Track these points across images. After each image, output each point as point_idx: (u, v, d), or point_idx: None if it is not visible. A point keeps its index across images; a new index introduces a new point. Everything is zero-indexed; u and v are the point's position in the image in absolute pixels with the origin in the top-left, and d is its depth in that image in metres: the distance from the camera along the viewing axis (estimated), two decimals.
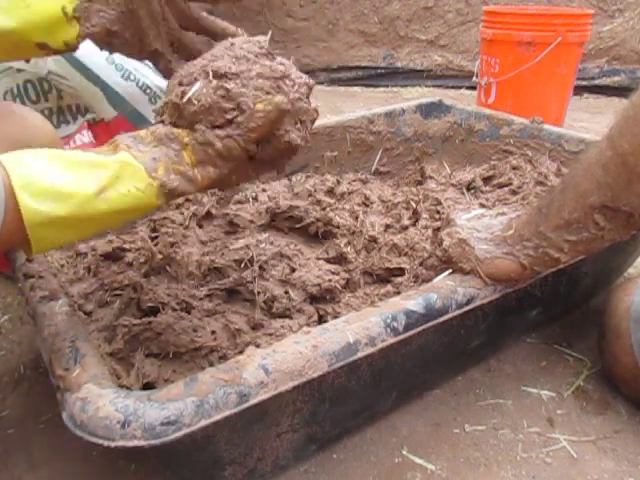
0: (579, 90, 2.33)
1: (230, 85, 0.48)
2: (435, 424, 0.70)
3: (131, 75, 1.07)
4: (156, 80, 1.12)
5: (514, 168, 1.01)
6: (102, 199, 0.43)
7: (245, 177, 0.53)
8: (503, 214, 0.66)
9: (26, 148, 0.43)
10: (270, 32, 0.55)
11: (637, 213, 0.54)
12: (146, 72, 1.11)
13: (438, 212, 0.93)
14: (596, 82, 2.41)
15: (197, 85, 0.48)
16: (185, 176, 0.47)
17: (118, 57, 1.03)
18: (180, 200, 0.96)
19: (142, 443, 0.40)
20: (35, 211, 0.40)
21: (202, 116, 0.48)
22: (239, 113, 0.48)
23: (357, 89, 2.74)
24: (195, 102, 0.47)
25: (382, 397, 0.66)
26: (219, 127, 0.48)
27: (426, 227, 0.88)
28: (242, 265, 0.77)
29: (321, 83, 2.82)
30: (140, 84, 1.09)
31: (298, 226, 0.86)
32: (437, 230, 0.78)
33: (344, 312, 0.72)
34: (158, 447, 0.41)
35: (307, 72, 0.59)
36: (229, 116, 0.48)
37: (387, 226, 0.92)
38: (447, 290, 0.59)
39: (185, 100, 0.48)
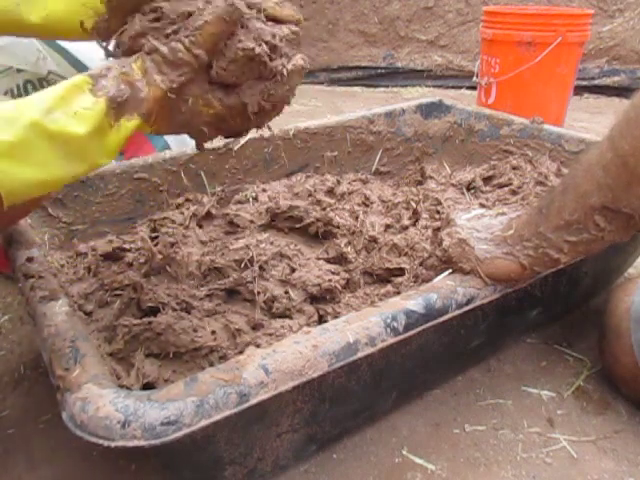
0: (579, 90, 2.33)
1: None
2: (435, 424, 0.70)
3: None
4: None
5: (514, 168, 1.01)
6: (50, 120, 0.40)
7: (209, 103, 0.49)
8: (503, 214, 0.66)
9: None
10: None
11: (637, 215, 0.54)
12: None
13: (438, 212, 0.93)
14: (596, 82, 2.41)
15: None
16: (134, 86, 0.44)
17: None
18: (180, 200, 0.97)
19: (142, 443, 0.40)
20: None
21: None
22: (186, 18, 0.46)
23: (357, 89, 2.74)
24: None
25: (382, 397, 0.66)
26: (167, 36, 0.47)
27: (426, 227, 0.88)
28: (242, 265, 0.77)
29: (321, 83, 2.82)
30: None
31: (298, 226, 0.86)
32: (437, 230, 0.78)
33: (344, 312, 0.72)
34: (158, 447, 0.41)
35: (307, 72, 0.58)
36: (176, 26, 0.46)
37: (387, 226, 0.92)
38: (447, 290, 0.59)
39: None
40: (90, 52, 1.00)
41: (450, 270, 0.64)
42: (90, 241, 0.87)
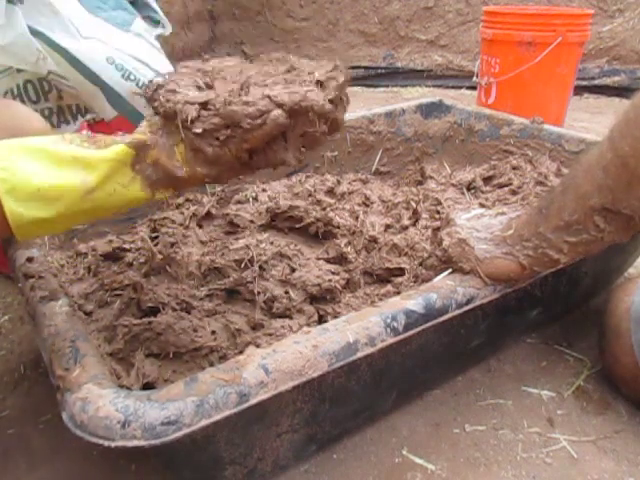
0: (579, 90, 2.33)
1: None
2: (435, 424, 0.70)
3: (131, 75, 1.07)
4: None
5: (514, 168, 1.01)
6: (89, 199, 0.43)
7: (236, 176, 0.52)
8: (503, 214, 0.66)
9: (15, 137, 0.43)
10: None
11: (637, 216, 0.54)
12: (146, 72, 1.11)
13: (438, 212, 0.93)
14: (596, 82, 2.41)
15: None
16: (173, 171, 0.47)
17: (118, 57, 1.03)
18: (180, 200, 0.97)
19: (142, 443, 0.40)
20: (21, 214, 0.41)
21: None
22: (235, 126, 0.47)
23: (357, 89, 2.73)
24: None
25: (382, 397, 0.66)
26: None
27: (426, 227, 0.88)
28: (242, 265, 0.77)
29: None
30: (140, 84, 1.09)
31: (298, 226, 0.86)
32: (437, 230, 0.78)
33: (344, 312, 0.72)
34: (158, 447, 0.41)
35: None
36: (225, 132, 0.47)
37: (387, 226, 0.92)
38: (447, 290, 0.59)
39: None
40: (90, 52, 1.00)
41: (450, 270, 0.64)
42: (90, 241, 0.87)
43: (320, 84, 0.49)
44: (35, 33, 0.94)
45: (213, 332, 0.68)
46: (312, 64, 0.53)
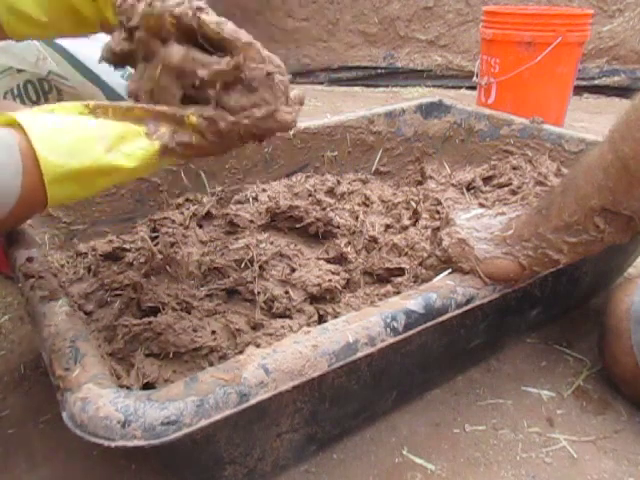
0: (579, 90, 2.33)
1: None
2: (435, 424, 0.70)
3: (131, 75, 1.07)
4: None
5: (514, 168, 1.01)
6: (110, 159, 0.46)
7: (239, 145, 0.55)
8: (502, 214, 0.66)
9: None
10: None
11: (637, 216, 0.54)
12: None
13: (438, 212, 0.93)
14: (596, 82, 2.41)
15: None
16: (185, 139, 0.49)
17: None
18: (180, 200, 0.97)
19: (142, 443, 0.40)
20: (54, 164, 0.43)
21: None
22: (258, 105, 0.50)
23: (357, 89, 2.74)
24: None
25: (382, 397, 0.66)
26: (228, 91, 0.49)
27: (426, 227, 0.88)
28: (242, 265, 0.77)
29: (321, 83, 2.82)
30: None
31: (298, 226, 0.86)
32: (437, 230, 0.78)
33: (344, 312, 0.72)
34: (158, 447, 0.41)
35: (307, 72, 0.59)
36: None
37: (387, 226, 0.92)
38: (446, 290, 0.59)
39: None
40: (90, 52, 1.00)
41: (450, 270, 0.64)
42: (90, 241, 0.87)
43: None
44: None
45: (213, 332, 0.68)
46: None
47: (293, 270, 0.78)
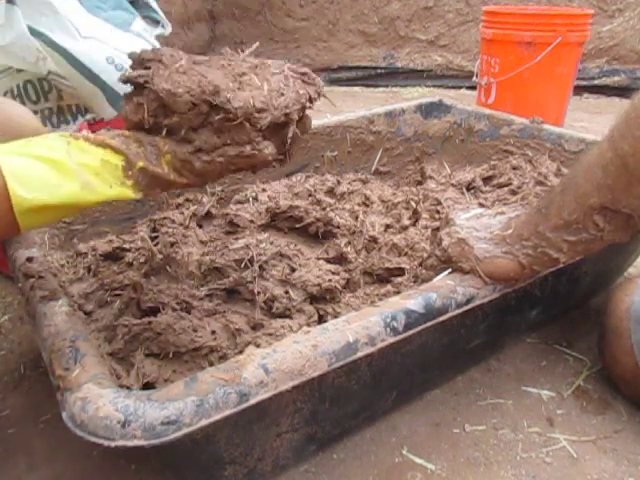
0: (579, 90, 2.33)
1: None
2: (435, 424, 0.70)
3: None
4: None
5: (514, 168, 1.01)
6: (87, 191, 0.46)
7: (222, 178, 0.56)
8: (502, 213, 0.66)
9: (11, 139, 0.46)
10: None
11: (637, 215, 0.54)
12: None
13: (438, 212, 0.93)
14: (596, 82, 2.41)
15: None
16: (161, 177, 0.50)
17: (118, 57, 1.03)
18: (180, 200, 0.97)
19: (142, 443, 0.40)
20: (22, 198, 0.43)
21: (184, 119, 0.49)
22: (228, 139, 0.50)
23: (357, 89, 2.73)
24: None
25: (382, 397, 0.66)
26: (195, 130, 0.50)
27: (426, 227, 0.88)
28: (242, 265, 0.77)
29: None
30: None
31: (298, 226, 0.86)
32: (436, 230, 0.78)
33: (344, 312, 0.72)
34: (158, 447, 0.41)
35: None
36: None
37: (387, 226, 0.92)
38: (447, 290, 0.59)
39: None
40: (90, 52, 1.00)
41: (450, 270, 0.64)
42: (90, 241, 0.87)
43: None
44: (35, 33, 0.94)
45: (213, 332, 0.68)
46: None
47: (293, 270, 0.78)
